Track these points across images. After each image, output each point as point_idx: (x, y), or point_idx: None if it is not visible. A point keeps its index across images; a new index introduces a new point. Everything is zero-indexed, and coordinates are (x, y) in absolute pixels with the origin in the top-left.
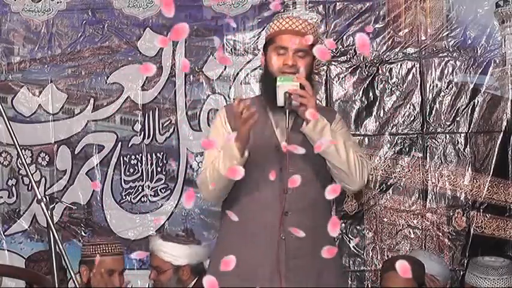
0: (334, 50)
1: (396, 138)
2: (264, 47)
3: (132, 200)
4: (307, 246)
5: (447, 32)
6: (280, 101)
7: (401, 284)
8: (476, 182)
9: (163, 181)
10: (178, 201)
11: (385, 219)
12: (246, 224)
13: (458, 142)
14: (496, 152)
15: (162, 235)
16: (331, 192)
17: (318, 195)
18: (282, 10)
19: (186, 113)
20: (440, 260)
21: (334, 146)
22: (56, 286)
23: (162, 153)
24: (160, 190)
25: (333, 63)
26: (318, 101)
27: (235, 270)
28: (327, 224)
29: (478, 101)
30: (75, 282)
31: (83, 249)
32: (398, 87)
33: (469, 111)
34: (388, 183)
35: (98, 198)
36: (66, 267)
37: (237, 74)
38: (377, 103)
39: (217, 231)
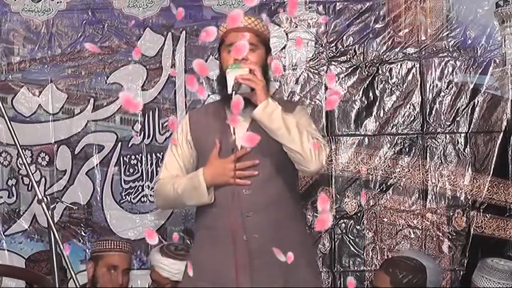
0: (334, 50)
1: (396, 138)
2: (218, 52)
3: (132, 200)
4: (271, 245)
5: (447, 32)
6: (230, 88)
7: (386, 284)
8: (476, 182)
9: None
10: None
11: (385, 219)
12: (211, 229)
13: (458, 142)
14: (496, 152)
15: (162, 250)
16: None
17: (280, 191)
18: (282, 10)
19: (186, 113)
20: (431, 260)
21: (285, 127)
22: (57, 286)
23: (162, 153)
24: None
25: (333, 63)
26: (317, 101)
27: (205, 276)
28: (293, 220)
29: (478, 101)
30: (75, 282)
31: (92, 246)
32: (398, 87)
33: (469, 111)
34: (388, 183)
35: (98, 198)
36: (66, 267)
37: None
38: (377, 103)
39: None
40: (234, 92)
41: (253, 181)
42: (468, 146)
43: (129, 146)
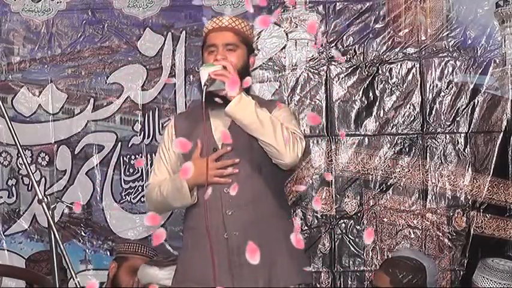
0: (334, 50)
1: (396, 138)
2: (201, 52)
3: (132, 200)
4: (252, 242)
5: (447, 32)
6: (203, 84)
7: (386, 284)
8: (476, 182)
9: None
10: None
11: (385, 219)
12: (195, 229)
13: (458, 142)
14: (496, 152)
15: (155, 264)
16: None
17: (262, 189)
18: (282, 10)
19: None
20: (426, 258)
21: (259, 120)
22: (57, 286)
23: None
24: None
25: (333, 63)
26: (317, 101)
27: (193, 276)
28: (276, 217)
29: (478, 101)
30: (76, 282)
31: (117, 246)
32: (398, 87)
33: (469, 111)
34: (388, 183)
35: (98, 198)
36: (66, 267)
37: None
38: (377, 103)
39: None
40: (206, 87)
41: (234, 179)
42: (468, 146)
43: (129, 146)
